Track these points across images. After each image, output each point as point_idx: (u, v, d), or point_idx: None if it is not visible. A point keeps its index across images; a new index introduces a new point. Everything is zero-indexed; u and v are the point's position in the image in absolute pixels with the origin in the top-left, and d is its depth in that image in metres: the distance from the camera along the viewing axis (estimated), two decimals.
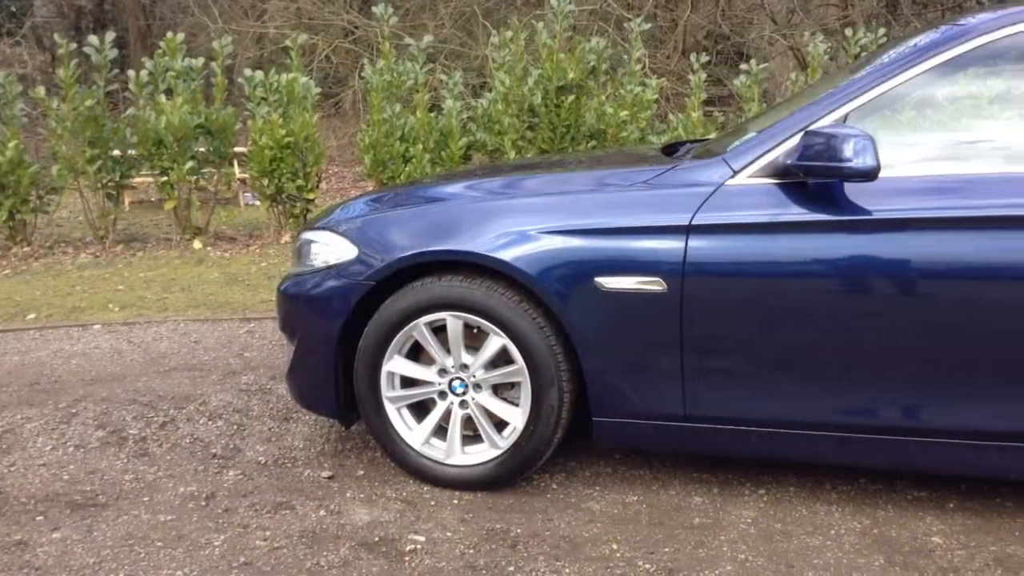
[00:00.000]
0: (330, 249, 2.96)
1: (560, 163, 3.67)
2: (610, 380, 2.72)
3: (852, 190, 2.51)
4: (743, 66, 6.97)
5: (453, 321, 2.78)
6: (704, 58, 7.12)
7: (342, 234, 2.95)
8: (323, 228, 3.04)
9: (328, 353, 2.90)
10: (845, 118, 2.58)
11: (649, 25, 7.51)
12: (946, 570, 2.37)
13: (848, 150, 2.40)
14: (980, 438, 2.51)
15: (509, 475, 2.84)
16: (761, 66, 6.87)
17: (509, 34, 7.04)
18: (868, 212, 2.50)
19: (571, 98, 6.88)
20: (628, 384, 2.71)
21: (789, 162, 2.53)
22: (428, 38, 7.17)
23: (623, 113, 7.06)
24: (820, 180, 2.50)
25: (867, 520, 2.64)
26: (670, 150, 3.29)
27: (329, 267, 2.92)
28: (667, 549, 2.51)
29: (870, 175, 2.41)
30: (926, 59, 2.55)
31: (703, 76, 7.09)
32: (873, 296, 2.51)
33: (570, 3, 6.84)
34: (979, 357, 2.46)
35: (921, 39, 2.69)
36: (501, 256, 2.70)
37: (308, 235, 3.10)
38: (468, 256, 2.75)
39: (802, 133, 2.53)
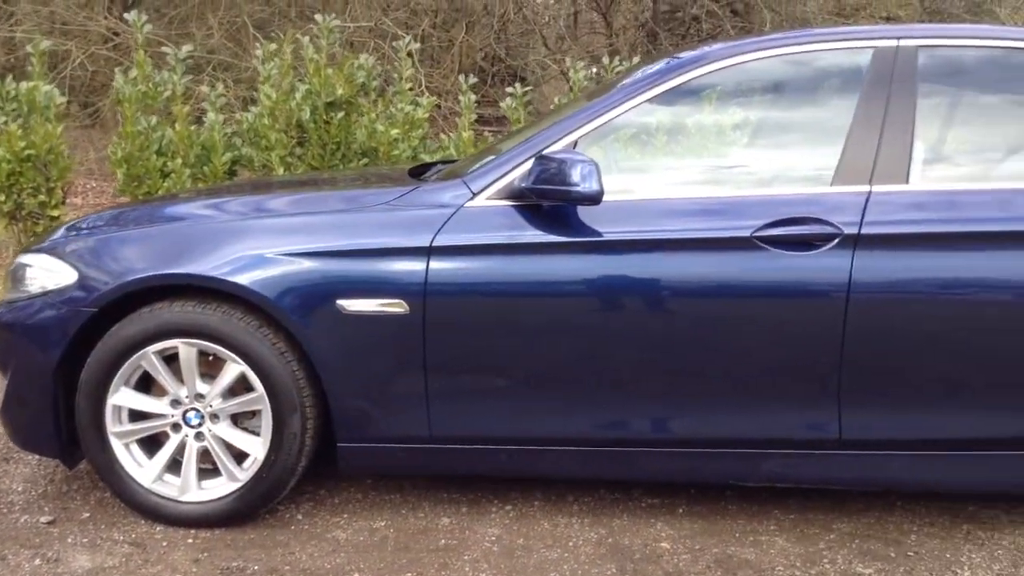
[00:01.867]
0: (48, 273, 2.72)
1: (312, 182, 3.60)
2: (354, 404, 2.67)
3: (584, 213, 2.61)
4: (508, 89, 7.14)
5: (186, 349, 2.63)
6: (472, 79, 7.23)
7: (61, 257, 2.72)
8: (40, 251, 2.80)
9: (45, 387, 2.66)
10: (575, 144, 2.67)
11: (418, 45, 7.55)
12: (672, 574, 2.49)
13: (575, 175, 2.49)
14: (713, 446, 2.68)
15: (250, 508, 2.71)
16: (525, 89, 7.07)
17: (274, 46, 6.84)
18: (599, 234, 2.60)
19: (341, 115, 6.77)
20: (372, 408, 2.67)
21: (524, 185, 2.60)
22: (188, 47, 6.84)
23: (395, 131, 7.02)
24: (552, 203, 2.58)
25: (604, 530, 2.74)
26: (419, 171, 3.30)
27: (46, 292, 2.68)
28: (410, 574, 2.48)
29: (595, 199, 2.51)
30: (648, 89, 2.69)
31: (472, 97, 7.19)
32: (607, 314, 2.61)
33: (336, 19, 6.75)
34: (704, 370, 2.62)
35: (646, 71, 2.85)
36: (238, 279, 2.59)
37: (24, 259, 2.84)
38: (202, 280, 2.62)
39: (535, 158, 2.60)
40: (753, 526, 2.77)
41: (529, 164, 2.62)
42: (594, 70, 7.64)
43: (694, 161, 2.92)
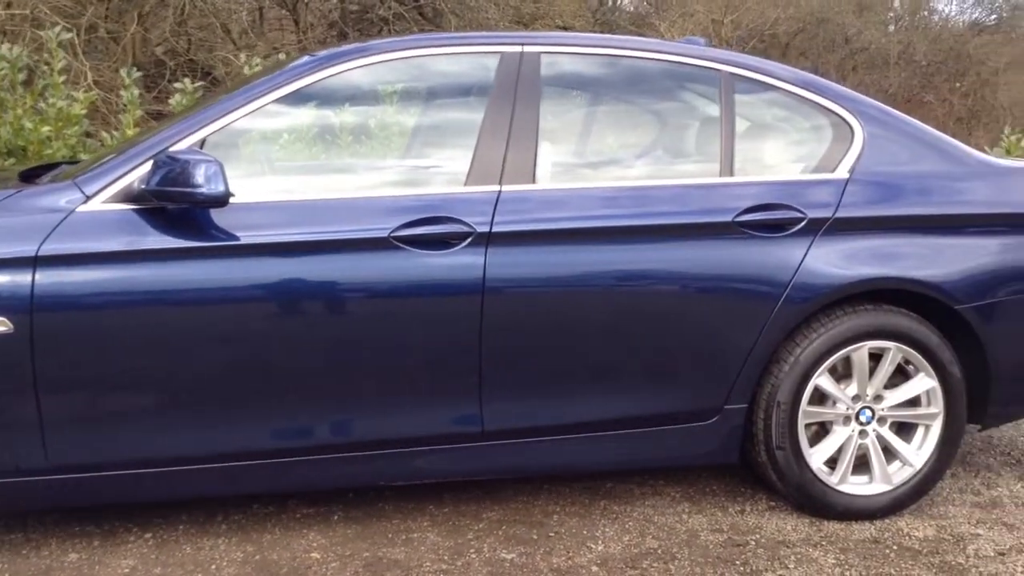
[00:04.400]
0: None
1: None
2: None
3: (219, 216, 2.47)
4: (177, 84, 6.74)
5: None
6: (136, 73, 6.74)
7: None
8: None
9: None
10: (202, 143, 2.53)
11: (70, 35, 6.92)
12: None
13: (199, 176, 2.35)
14: (364, 449, 2.64)
15: None
16: (197, 84, 6.71)
17: None
18: (235, 237, 2.48)
19: None
20: None
21: (145, 187, 2.41)
22: None
23: (46, 128, 6.37)
24: (177, 206, 2.42)
25: (252, 547, 2.62)
26: (36, 173, 2.97)
27: None
28: None
29: (221, 201, 2.38)
30: (281, 87, 2.60)
31: (136, 92, 6.70)
32: (246, 322, 2.50)
33: None
34: (352, 373, 2.58)
35: (282, 68, 2.76)
36: None
37: None
38: None
39: (156, 158, 2.43)
40: (407, 524, 2.78)
41: (150, 164, 2.44)
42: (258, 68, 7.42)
43: (335, 161, 2.88)
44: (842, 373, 2.85)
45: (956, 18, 16.76)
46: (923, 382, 2.84)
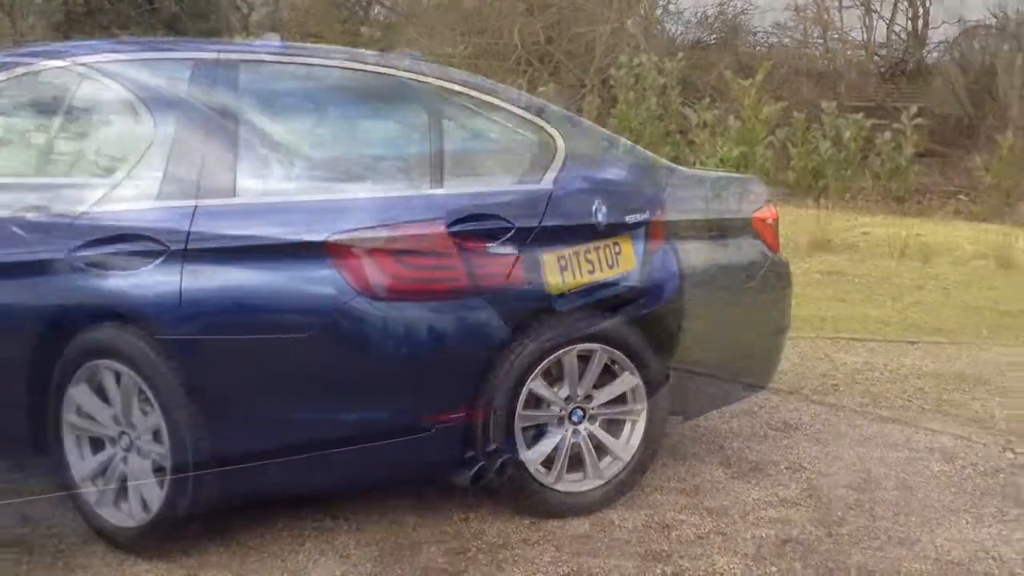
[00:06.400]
0: None
1: None
2: None
3: None
4: None
5: None
6: None
7: None
8: None
9: None
10: None
11: None
12: None
13: None
14: None
15: None
16: None
17: None
18: None
19: None
20: None
21: None
22: None
23: None
24: None
25: None
26: None
27: None
28: None
29: None
30: None
31: None
32: None
33: None
34: None
35: None
36: None
37: None
38: None
39: None
40: None
41: None
42: None
43: (18, 176, 2.63)
44: (555, 376, 2.95)
45: (681, 37, 18.12)
46: (627, 380, 3.00)
